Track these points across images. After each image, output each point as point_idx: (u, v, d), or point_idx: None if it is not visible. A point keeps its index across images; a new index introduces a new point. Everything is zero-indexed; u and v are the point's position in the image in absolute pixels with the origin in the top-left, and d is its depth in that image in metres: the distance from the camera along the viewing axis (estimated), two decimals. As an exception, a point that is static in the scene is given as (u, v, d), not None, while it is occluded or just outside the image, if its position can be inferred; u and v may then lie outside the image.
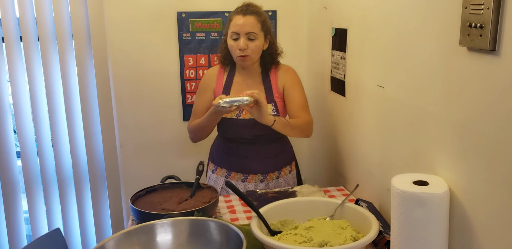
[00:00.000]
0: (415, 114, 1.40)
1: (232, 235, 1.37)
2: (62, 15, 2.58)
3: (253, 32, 1.91)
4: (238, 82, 2.05)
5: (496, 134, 1.02)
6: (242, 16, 1.92)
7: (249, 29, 1.91)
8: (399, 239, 1.22)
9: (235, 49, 1.93)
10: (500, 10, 0.99)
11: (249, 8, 1.95)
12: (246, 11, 1.93)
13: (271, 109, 2.01)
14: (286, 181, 2.16)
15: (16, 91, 2.70)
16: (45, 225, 2.93)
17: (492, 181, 1.05)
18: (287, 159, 2.18)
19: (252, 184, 2.09)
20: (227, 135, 2.10)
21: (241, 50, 1.92)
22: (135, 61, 2.52)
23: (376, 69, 1.69)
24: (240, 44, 1.91)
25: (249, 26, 1.91)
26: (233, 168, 2.11)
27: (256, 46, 1.94)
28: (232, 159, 2.11)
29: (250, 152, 2.07)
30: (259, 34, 1.93)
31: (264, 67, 2.06)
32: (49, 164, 2.82)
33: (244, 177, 2.10)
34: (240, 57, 1.95)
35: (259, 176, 2.10)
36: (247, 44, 1.92)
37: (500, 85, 1.00)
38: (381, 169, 1.71)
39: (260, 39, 1.95)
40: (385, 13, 1.59)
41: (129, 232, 1.42)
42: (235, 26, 1.92)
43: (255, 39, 1.93)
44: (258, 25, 1.93)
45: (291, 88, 2.04)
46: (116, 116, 2.59)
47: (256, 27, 1.92)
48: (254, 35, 1.92)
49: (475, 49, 1.08)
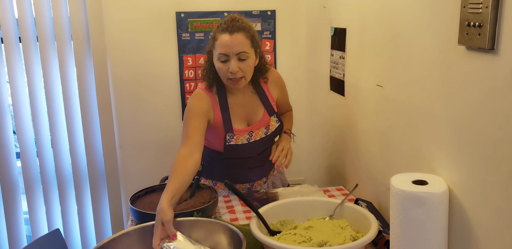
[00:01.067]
0: (414, 114, 1.40)
1: (231, 235, 1.38)
2: (61, 16, 2.58)
3: (244, 51, 1.71)
4: (234, 105, 1.87)
5: (495, 133, 1.02)
6: (229, 34, 1.70)
7: (239, 49, 1.70)
8: (398, 238, 1.22)
9: (225, 72, 1.73)
10: (498, 9, 0.99)
11: (235, 23, 1.72)
12: (232, 28, 1.71)
13: (275, 121, 1.93)
14: (279, 172, 2.17)
15: (16, 92, 2.70)
16: (45, 226, 2.93)
17: (491, 180, 1.04)
18: (270, 165, 2.07)
19: (258, 188, 2.06)
20: (231, 156, 1.92)
21: (233, 73, 1.72)
22: (134, 62, 2.52)
23: (375, 68, 1.69)
24: (231, 67, 1.70)
25: (239, 46, 1.70)
26: (237, 181, 2.01)
27: (248, 66, 1.75)
28: (235, 172, 2.00)
29: (254, 163, 1.99)
30: (250, 52, 1.73)
31: (254, 83, 1.90)
32: (49, 164, 2.82)
33: (250, 185, 2.04)
34: (232, 81, 1.76)
35: (264, 179, 2.07)
36: (238, 66, 1.72)
37: (498, 84, 1.00)
38: (380, 169, 1.71)
39: (252, 57, 1.75)
40: (384, 12, 1.59)
41: (128, 233, 1.42)
42: (223, 47, 1.70)
43: (246, 58, 1.73)
44: (248, 42, 1.73)
45: (281, 94, 2.01)
46: (115, 117, 2.59)
47: (246, 46, 1.72)
48: (245, 55, 1.72)
49: (473, 48, 1.07)
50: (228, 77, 1.75)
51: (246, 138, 1.87)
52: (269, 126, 1.91)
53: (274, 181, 2.14)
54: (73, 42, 2.62)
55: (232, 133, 1.84)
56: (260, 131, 1.89)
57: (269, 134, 1.92)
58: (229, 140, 1.84)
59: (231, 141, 1.85)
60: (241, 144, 1.86)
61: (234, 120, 1.86)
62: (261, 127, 1.90)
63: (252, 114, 1.90)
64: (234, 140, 1.85)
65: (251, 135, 1.87)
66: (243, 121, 1.89)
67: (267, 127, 1.91)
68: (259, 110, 1.91)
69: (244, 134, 1.86)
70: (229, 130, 1.84)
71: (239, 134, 1.85)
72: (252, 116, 1.90)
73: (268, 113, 1.91)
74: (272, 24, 2.56)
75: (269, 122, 1.91)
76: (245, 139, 1.87)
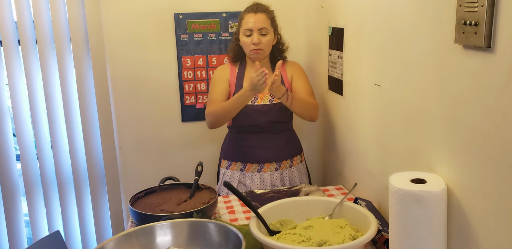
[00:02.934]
0: (412, 112, 1.40)
1: (231, 235, 1.38)
2: (59, 18, 2.58)
3: (265, 27, 2.08)
4: (250, 74, 2.15)
5: (492, 131, 1.02)
6: (253, 13, 2.09)
7: (261, 25, 2.07)
8: (397, 237, 1.22)
9: (249, 44, 2.09)
10: (494, 8, 0.99)
11: (259, 6, 2.13)
12: (257, 9, 2.11)
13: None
14: (298, 170, 2.24)
15: (15, 95, 2.70)
16: (45, 228, 2.93)
17: (489, 178, 1.05)
18: (297, 148, 2.28)
19: (268, 173, 2.17)
20: (242, 122, 2.16)
21: (255, 44, 2.07)
22: (133, 63, 2.52)
23: (373, 68, 1.70)
24: (254, 39, 2.06)
25: (261, 22, 2.07)
26: (248, 160, 2.19)
27: (267, 41, 2.10)
28: (246, 150, 2.19)
29: (263, 141, 2.17)
30: (269, 29, 2.10)
31: (273, 62, 2.20)
32: (49, 166, 2.82)
33: (259, 167, 2.17)
34: (254, 51, 2.09)
35: (274, 165, 2.18)
36: (260, 39, 2.07)
37: (495, 82, 1.00)
38: (379, 168, 1.71)
39: (271, 34, 2.12)
40: (381, 11, 1.59)
41: (128, 234, 1.42)
42: (248, 23, 2.08)
43: (266, 34, 2.09)
44: (268, 21, 2.10)
45: (297, 78, 2.19)
46: (115, 118, 2.59)
47: (267, 23, 2.09)
48: (266, 30, 2.08)
49: (470, 46, 1.08)
50: (250, 49, 2.09)
51: (251, 100, 2.11)
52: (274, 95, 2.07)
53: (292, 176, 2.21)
54: (72, 44, 2.62)
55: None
56: (265, 97, 2.14)
57: (273, 103, 2.12)
58: None
59: None
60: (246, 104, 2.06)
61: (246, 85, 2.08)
62: (267, 94, 2.14)
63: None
64: None
65: (255, 98, 2.13)
66: None
67: (272, 95, 2.12)
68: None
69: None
70: (238, 90, 2.09)
71: None
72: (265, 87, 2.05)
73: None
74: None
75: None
76: (250, 101, 2.07)
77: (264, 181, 2.16)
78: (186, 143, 2.66)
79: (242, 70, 2.20)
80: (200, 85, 2.60)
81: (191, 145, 2.67)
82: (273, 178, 2.17)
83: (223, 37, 2.57)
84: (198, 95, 2.61)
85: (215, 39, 2.56)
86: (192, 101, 2.61)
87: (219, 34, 2.56)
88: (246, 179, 2.18)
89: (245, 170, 2.19)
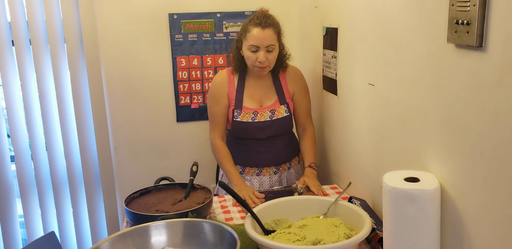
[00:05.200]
0: (405, 112, 1.41)
1: (226, 235, 1.38)
2: (53, 18, 2.58)
3: (272, 44, 1.97)
4: (250, 86, 2.12)
5: (484, 129, 1.03)
6: (261, 29, 1.95)
7: (269, 43, 1.96)
8: (391, 235, 1.23)
9: (254, 61, 1.99)
10: (486, 7, 1.00)
11: (268, 20, 1.98)
12: (265, 24, 1.96)
13: (284, 110, 2.10)
14: (296, 171, 2.23)
15: (9, 96, 2.69)
16: (40, 229, 2.92)
17: (482, 176, 1.05)
18: (296, 149, 2.26)
19: (267, 177, 2.16)
20: (241, 136, 2.14)
21: (261, 63, 1.98)
22: (128, 64, 2.52)
23: (367, 67, 1.70)
24: (260, 57, 1.96)
25: (269, 40, 1.96)
26: (247, 164, 2.17)
27: (274, 58, 2.02)
28: (245, 155, 2.17)
29: (262, 146, 2.15)
30: (276, 45, 2.00)
31: (273, 70, 2.13)
32: (44, 167, 2.82)
33: (258, 171, 2.17)
34: (258, 68, 2.02)
35: (273, 168, 2.17)
36: (266, 57, 1.98)
37: (487, 80, 1.01)
38: (373, 167, 1.72)
39: (277, 50, 2.02)
40: (374, 11, 1.60)
41: (123, 234, 1.42)
42: (255, 40, 1.95)
43: (273, 50, 1.99)
44: (275, 37, 1.99)
45: (300, 94, 2.17)
46: (109, 119, 2.59)
47: (274, 40, 1.98)
48: (272, 47, 1.98)
49: (462, 46, 1.09)
50: (255, 65, 2.01)
51: (251, 117, 2.08)
52: (275, 111, 2.09)
53: (290, 178, 2.21)
54: (66, 45, 2.62)
55: (240, 109, 2.08)
56: (265, 113, 2.09)
57: (273, 119, 2.09)
58: (236, 116, 2.09)
59: (237, 117, 2.08)
60: (246, 121, 2.08)
61: (246, 100, 2.10)
62: (267, 110, 2.09)
63: (264, 99, 2.12)
64: (241, 117, 2.08)
65: (256, 114, 2.08)
66: (256, 103, 2.11)
67: (272, 111, 2.09)
68: (272, 97, 2.12)
69: (249, 112, 2.08)
70: (238, 106, 2.09)
71: (245, 111, 2.08)
72: (264, 101, 2.12)
73: (279, 102, 2.11)
74: (265, 24, 2.56)
75: (277, 109, 2.09)
76: (250, 118, 2.08)
77: (263, 184, 2.15)
78: (181, 143, 2.66)
79: (242, 82, 2.12)
80: (195, 86, 2.60)
81: (186, 145, 2.67)
82: (271, 181, 2.16)
83: (217, 37, 2.57)
84: (193, 96, 2.61)
85: (210, 39, 2.56)
86: (187, 102, 2.61)
87: (213, 34, 2.56)
88: (245, 181, 2.14)
89: (244, 173, 2.17)
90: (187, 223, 1.47)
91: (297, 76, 2.17)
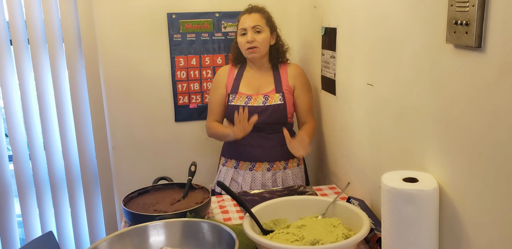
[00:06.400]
0: (404, 112, 1.41)
1: (224, 235, 1.38)
2: (52, 18, 2.57)
3: (258, 25, 2.10)
4: (248, 75, 2.22)
5: (483, 130, 1.03)
6: (248, 14, 2.14)
7: (255, 23, 2.10)
8: (390, 236, 1.23)
9: (244, 43, 2.11)
10: (484, 7, 1.00)
11: (253, 7, 2.17)
12: (251, 10, 2.16)
13: (278, 98, 2.15)
14: (294, 174, 2.22)
15: (7, 95, 2.69)
16: (38, 229, 2.92)
17: (480, 176, 1.05)
18: (272, 153, 2.21)
19: (260, 172, 2.17)
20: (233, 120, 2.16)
21: (249, 43, 2.09)
22: (126, 63, 2.51)
23: (365, 67, 1.70)
24: (248, 36, 2.10)
25: (255, 21, 2.11)
26: (241, 157, 2.21)
27: (262, 39, 2.11)
28: (240, 148, 2.20)
29: (256, 140, 2.17)
30: (264, 27, 2.12)
31: (273, 63, 2.22)
32: (42, 167, 2.81)
33: (251, 166, 2.18)
34: (249, 50, 2.12)
35: (266, 165, 2.18)
36: (254, 37, 2.09)
37: (486, 81, 1.01)
38: (371, 167, 1.72)
39: (266, 33, 2.13)
40: (373, 11, 1.60)
41: (122, 234, 1.42)
42: (242, 24, 2.12)
43: (261, 31, 2.11)
44: (263, 20, 2.13)
45: (301, 89, 2.20)
46: (108, 118, 2.59)
47: (261, 21, 2.12)
48: (259, 28, 2.10)
49: (461, 46, 1.09)
50: (246, 48, 2.11)
51: (245, 101, 2.15)
52: (268, 97, 2.14)
53: (285, 179, 2.20)
54: (64, 44, 2.61)
55: (235, 94, 2.18)
56: (258, 98, 2.15)
57: (266, 104, 2.13)
58: (231, 100, 2.18)
59: (232, 101, 2.17)
60: (239, 105, 2.15)
61: (243, 86, 2.20)
62: (261, 95, 2.15)
63: (261, 87, 2.19)
64: (235, 101, 2.17)
65: (249, 99, 2.16)
66: (252, 90, 2.19)
67: (266, 96, 2.15)
68: (269, 86, 2.19)
69: (243, 96, 2.17)
70: (234, 91, 2.19)
71: (240, 95, 2.17)
72: (261, 89, 2.19)
73: (276, 91, 2.17)
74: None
75: (271, 95, 2.15)
76: (243, 102, 2.16)
77: (255, 180, 2.16)
78: (179, 143, 2.66)
79: (241, 71, 2.23)
80: (193, 85, 2.60)
81: (184, 145, 2.67)
82: (264, 177, 2.17)
83: (216, 37, 2.57)
84: (191, 95, 2.61)
85: (208, 39, 2.56)
86: (185, 102, 2.60)
87: (212, 34, 2.56)
88: (239, 176, 2.19)
89: (238, 168, 2.20)
90: (185, 223, 1.47)
91: (298, 72, 2.23)
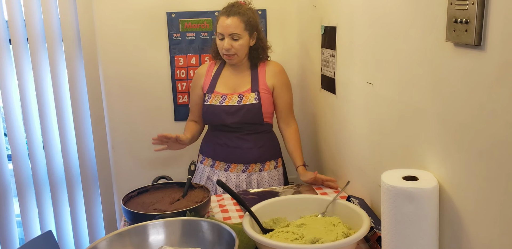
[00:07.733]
0: (403, 110, 1.41)
1: (224, 234, 1.38)
2: (51, 17, 2.57)
3: (236, 33, 2.03)
4: (226, 74, 2.18)
5: (482, 128, 1.03)
6: (226, 17, 2.03)
7: (232, 31, 2.02)
8: (390, 234, 1.22)
9: (221, 49, 2.07)
10: (484, 5, 1.00)
11: (233, 9, 2.05)
12: (229, 12, 2.04)
13: (253, 97, 2.11)
14: (270, 176, 2.19)
15: (6, 95, 2.69)
16: (38, 228, 2.92)
17: (480, 174, 1.05)
18: (271, 153, 2.22)
19: (234, 173, 2.15)
20: (212, 121, 2.17)
21: (226, 50, 2.05)
22: (126, 63, 2.51)
23: (365, 66, 1.70)
24: (225, 45, 2.04)
25: (232, 28, 2.02)
26: (217, 157, 2.18)
27: (240, 46, 2.06)
28: (216, 147, 2.18)
29: (232, 141, 2.15)
30: (242, 34, 2.04)
31: (252, 61, 2.17)
32: (41, 166, 2.81)
33: (226, 166, 2.16)
34: (226, 56, 2.09)
35: (241, 166, 2.15)
36: (231, 44, 2.04)
37: (485, 79, 1.00)
38: (371, 165, 1.72)
39: (244, 38, 2.06)
40: (373, 10, 1.59)
41: (121, 233, 1.42)
42: (220, 27, 2.04)
43: (238, 39, 2.04)
44: (241, 25, 2.03)
45: (280, 88, 2.16)
46: (107, 117, 2.58)
47: (239, 28, 2.03)
48: (237, 36, 2.03)
49: (461, 44, 1.08)
50: (222, 53, 2.09)
51: (219, 101, 2.12)
52: (243, 96, 2.11)
53: (261, 181, 2.17)
54: (63, 43, 2.61)
55: (211, 94, 2.14)
56: (233, 98, 2.11)
57: (241, 104, 2.10)
58: (206, 100, 2.15)
59: (207, 100, 2.14)
60: (213, 104, 2.12)
61: (219, 86, 2.16)
62: (235, 95, 2.12)
63: (238, 86, 2.15)
64: (210, 100, 2.13)
65: (224, 98, 2.12)
66: (228, 89, 2.15)
67: (240, 96, 2.11)
68: (246, 85, 2.14)
69: (218, 95, 2.13)
70: (210, 91, 2.16)
71: (215, 95, 2.13)
72: (237, 88, 2.15)
73: (251, 90, 2.12)
74: (263, 23, 2.57)
75: (245, 95, 2.11)
76: (218, 101, 2.12)
77: (230, 181, 2.14)
78: (179, 142, 2.65)
79: (220, 69, 2.20)
80: (193, 84, 2.59)
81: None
82: (239, 179, 2.15)
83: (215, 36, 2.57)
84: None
85: (208, 38, 2.56)
86: (185, 101, 2.60)
87: (211, 33, 2.56)
88: (214, 175, 2.18)
89: (214, 167, 2.19)
90: (185, 222, 1.47)
91: (278, 71, 2.18)
